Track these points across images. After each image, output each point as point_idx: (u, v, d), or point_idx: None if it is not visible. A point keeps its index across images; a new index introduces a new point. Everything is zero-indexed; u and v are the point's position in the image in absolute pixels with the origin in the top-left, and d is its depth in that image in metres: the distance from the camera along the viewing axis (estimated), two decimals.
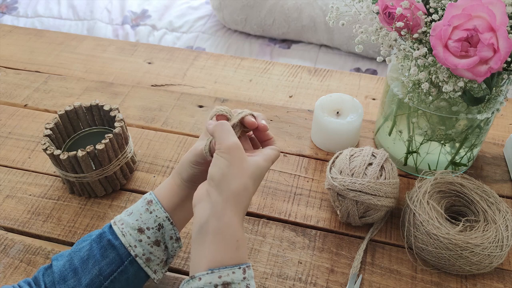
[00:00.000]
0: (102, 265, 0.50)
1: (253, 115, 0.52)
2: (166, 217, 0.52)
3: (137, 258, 0.50)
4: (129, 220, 0.52)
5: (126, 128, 0.71)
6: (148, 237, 0.51)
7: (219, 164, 0.46)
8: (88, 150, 0.65)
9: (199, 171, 0.52)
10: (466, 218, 0.62)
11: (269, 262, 0.63)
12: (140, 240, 0.51)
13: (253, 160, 0.48)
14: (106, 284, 0.49)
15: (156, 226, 0.51)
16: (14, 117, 0.86)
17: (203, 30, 1.52)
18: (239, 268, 0.44)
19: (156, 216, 0.51)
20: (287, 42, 1.49)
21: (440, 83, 0.56)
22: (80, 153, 0.64)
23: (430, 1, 0.56)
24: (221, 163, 0.46)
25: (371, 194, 0.61)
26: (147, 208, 0.52)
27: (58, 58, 1.01)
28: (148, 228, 0.51)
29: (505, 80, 0.58)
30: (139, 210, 0.52)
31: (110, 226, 0.52)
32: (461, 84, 0.54)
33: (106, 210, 0.69)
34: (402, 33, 0.56)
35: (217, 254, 0.44)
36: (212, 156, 0.49)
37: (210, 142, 0.50)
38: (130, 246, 0.50)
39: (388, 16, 0.56)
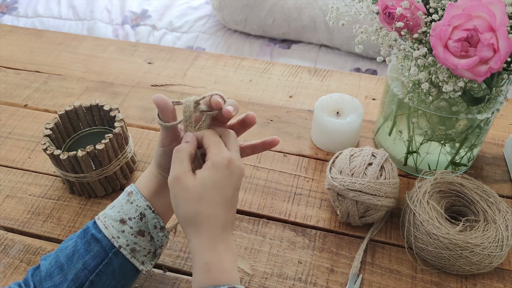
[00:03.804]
0: (86, 259, 0.50)
1: (221, 96, 0.50)
2: (147, 205, 0.52)
3: (121, 249, 0.51)
4: (111, 213, 0.52)
5: (126, 128, 0.71)
6: (131, 227, 0.51)
7: (170, 197, 0.48)
8: (88, 150, 0.65)
9: (162, 153, 0.52)
10: (466, 218, 0.62)
11: (269, 262, 0.63)
12: (123, 231, 0.51)
13: (197, 180, 0.46)
14: (92, 277, 0.50)
15: (138, 216, 0.52)
16: (14, 117, 0.86)
17: (203, 30, 1.52)
18: None
19: (137, 205, 0.52)
20: (287, 42, 1.49)
21: (440, 83, 0.56)
22: (80, 153, 0.64)
23: (430, 1, 0.56)
24: (170, 196, 0.48)
25: (371, 194, 0.61)
26: (128, 199, 0.52)
27: (58, 58, 1.01)
28: (130, 219, 0.51)
29: (505, 80, 0.58)
30: (121, 202, 0.53)
31: (94, 222, 0.52)
32: (461, 84, 0.54)
33: None
34: (402, 33, 0.56)
35: (193, 276, 0.46)
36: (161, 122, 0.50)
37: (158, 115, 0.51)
38: (113, 237, 0.51)
39: (388, 16, 0.56)
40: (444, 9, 0.54)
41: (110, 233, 0.51)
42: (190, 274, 0.61)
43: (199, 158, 0.49)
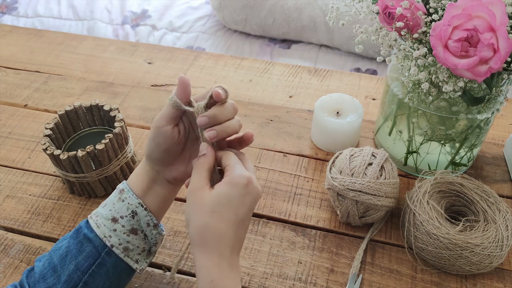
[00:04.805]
0: (79, 260, 0.49)
1: (224, 89, 0.50)
2: (139, 203, 0.51)
3: (113, 248, 0.50)
4: (103, 211, 0.51)
5: (126, 128, 0.71)
6: (123, 226, 0.51)
7: (185, 208, 0.47)
8: (88, 150, 0.65)
9: (154, 135, 0.50)
10: (466, 218, 0.62)
11: (269, 262, 0.63)
12: (115, 230, 0.50)
13: (213, 193, 0.46)
14: (85, 278, 0.49)
15: (130, 214, 0.51)
16: (14, 117, 0.86)
17: (203, 30, 1.52)
18: None
19: (128, 203, 0.51)
20: (287, 42, 1.49)
21: (440, 83, 0.56)
22: (80, 153, 0.64)
23: (430, 1, 0.56)
24: (186, 207, 0.47)
25: (371, 194, 0.61)
26: (119, 197, 0.52)
27: (58, 58, 1.01)
28: (121, 217, 0.51)
29: (505, 80, 0.58)
30: (112, 200, 0.52)
31: (87, 221, 0.52)
32: (461, 84, 0.54)
33: None
34: (402, 33, 0.56)
35: None
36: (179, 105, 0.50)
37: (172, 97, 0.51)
38: (105, 236, 0.50)
39: (388, 16, 0.56)
40: (444, 9, 0.54)
41: (102, 232, 0.50)
42: (190, 274, 0.61)
43: (217, 172, 0.49)
